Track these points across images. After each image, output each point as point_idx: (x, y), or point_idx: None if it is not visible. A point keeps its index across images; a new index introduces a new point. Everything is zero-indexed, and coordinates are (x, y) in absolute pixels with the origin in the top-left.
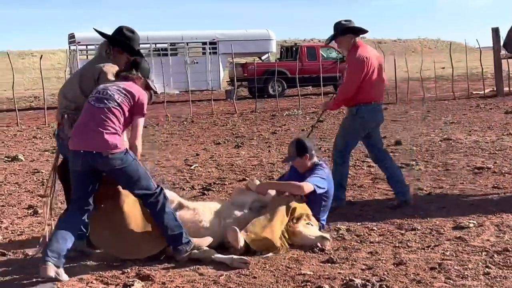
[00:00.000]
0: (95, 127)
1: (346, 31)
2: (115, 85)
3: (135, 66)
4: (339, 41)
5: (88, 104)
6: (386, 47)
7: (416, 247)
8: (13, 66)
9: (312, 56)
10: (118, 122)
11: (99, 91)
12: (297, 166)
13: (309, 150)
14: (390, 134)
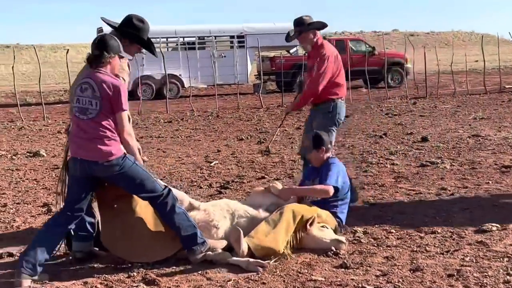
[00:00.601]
0: (87, 137)
1: (310, 26)
2: (89, 87)
3: (104, 47)
4: (303, 37)
5: (74, 116)
6: (418, 40)
7: (434, 252)
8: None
9: (341, 49)
10: (108, 129)
11: (78, 100)
12: (312, 159)
13: (325, 144)
14: (417, 130)
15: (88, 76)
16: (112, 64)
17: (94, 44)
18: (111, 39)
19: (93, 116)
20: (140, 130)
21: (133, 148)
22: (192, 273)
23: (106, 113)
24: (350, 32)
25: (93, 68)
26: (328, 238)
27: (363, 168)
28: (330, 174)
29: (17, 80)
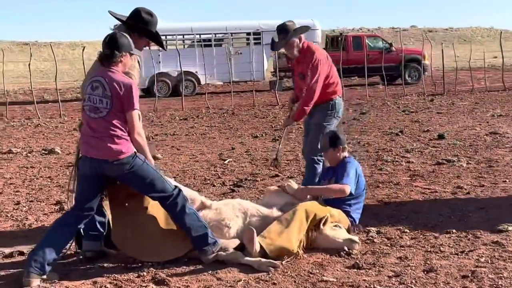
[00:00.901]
0: (97, 135)
1: (295, 32)
2: (100, 86)
3: (115, 46)
4: (290, 44)
5: (85, 114)
6: (437, 36)
7: (449, 252)
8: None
9: (358, 46)
10: (119, 128)
11: (89, 98)
12: (329, 158)
13: (342, 143)
14: (434, 128)
15: (99, 74)
16: (123, 63)
17: (105, 43)
18: (122, 36)
19: (103, 115)
20: (155, 128)
21: (144, 147)
22: (202, 273)
23: (116, 112)
24: (368, 29)
25: (105, 67)
26: (341, 238)
27: (378, 166)
28: (346, 173)
29: (35, 77)
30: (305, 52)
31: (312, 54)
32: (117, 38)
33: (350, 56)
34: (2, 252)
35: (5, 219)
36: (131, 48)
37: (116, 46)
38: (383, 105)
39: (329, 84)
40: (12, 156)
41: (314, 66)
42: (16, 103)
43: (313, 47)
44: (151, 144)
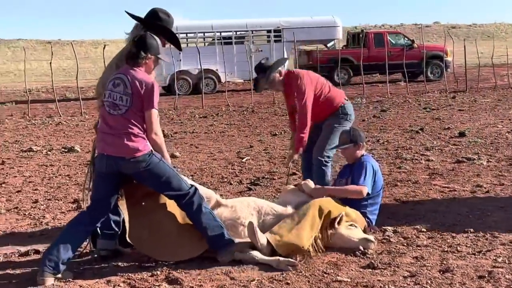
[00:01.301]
0: (114, 133)
1: (273, 68)
2: (121, 83)
3: (142, 47)
4: (271, 82)
5: (104, 110)
6: (460, 32)
7: (466, 252)
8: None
9: (379, 42)
10: (136, 126)
11: (110, 95)
12: (347, 155)
13: (362, 140)
14: (455, 125)
15: (122, 72)
16: (148, 64)
17: (133, 41)
18: (151, 38)
19: (122, 112)
20: (174, 125)
21: (161, 146)
22: (216, 272)
23: (135, 110)
24: (390, 25)
25: (129, 66)
26: (356, 237)
27: (397, 164)
28: (363, 174)
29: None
30: (289, 83)
31: (296, 80)
32: (146, 39)
33: (371, 53)
34: (18, 251)
35: (22, 217)
36: (158, 51)
37: (143, 46)
38: (404, 102)
39: (329, 99)
40: (32, 154)
41: (298, 92)
42: (38, 101)
43: (293, 74)
44: (170, 142)
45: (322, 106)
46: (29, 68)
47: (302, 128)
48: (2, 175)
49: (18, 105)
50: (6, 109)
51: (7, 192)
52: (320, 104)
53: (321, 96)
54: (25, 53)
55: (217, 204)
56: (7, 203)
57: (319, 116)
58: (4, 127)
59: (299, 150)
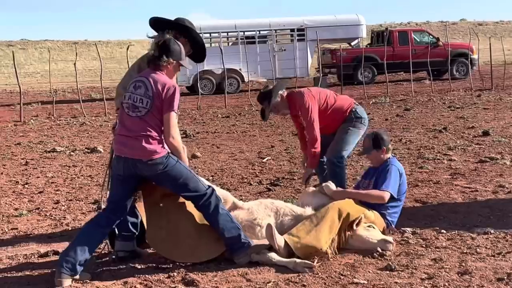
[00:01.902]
0: (132, 135)
1: (274, 93)
2: (142, 86)
3: (165, 51)
4: (275, 108)
5: (123, 111)
6: (487, 29)
7: (485, 254)
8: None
9: (404, 41)
10: (154, 129)
11: (130, 97)
12: (372, 159)
13: (386, 143)
14: (479, 124)
15: (143, 75)
16: (169, 69)
17: (157, 45)
18: (175, 44)
19: (141, 114)
20: (197, 125)
21: (178, 149)
22: (232, 274)
23: (155, 113)
24: (416, 23)
25: (151, 69)
26: (374, 238)
27: (419, 164)
28: (388, 178)
29: (84, 76)
30: (293, 103)
31: (298, 99)
32: (169, 43)
33: (396, 51)
34: (37, 252)
35: (44, 218)
36: (180, 57)
37: (166, 51)
38: (429, 101)
39: (337, 109)
40: (56, 155)
41: (303, 110)
42: (64, 101)
43: (295, 93)
44: (191, 142)
45: (333, 117)
46: (56, 69)
47: (313, 142)
48: (26, 175)
49: (44, 106)
50: (32, 110)
51: (30, 192)
52: (329, 115)
53: (327, 108)
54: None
55: (234, 206)
56: (29, 204)
57: (332, 127)
58: (29, 127)
59: (314, 165)
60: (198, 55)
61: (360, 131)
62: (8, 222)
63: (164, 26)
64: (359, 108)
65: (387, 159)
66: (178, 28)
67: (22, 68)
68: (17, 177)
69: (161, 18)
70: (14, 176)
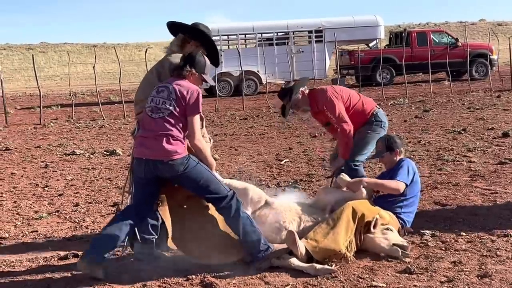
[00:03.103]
0: (154, 136)
1: (295, 90)
2: (165, 90)
3: (189, 61)
4: (296, 105)
5: (145, 115)
6: (507, 29)
7: (505, 257)
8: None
9: (422, 41)
10: (176, 129)
11: (152, 100)
12: (385, 162)
13: (399, 146)
14: (499, 125)
15: (167, 81)
16: (191, 80)
17: (183, 57)
18: (201, 56)
19: (164, 115)
20: (215, 128)
21: (204, 151)
22: (250, 276)
23: (178, 115)
24: (435, 23)
25: (174, 77)
26: (387, 244)
27: (438, 166)
28: (401, 170)
29: (103, 78)
30: (315, 100)
31: (321, 95)
32: (195, 56)
33: (414, 52)
34: (57, 254)
35: (63, 220)
36: (203, 70)
37: (191, 61)
38: (448, 102)
39: (359, 109)
40: (75, 158)
41: (328, 106)
42: (83, 104)
43: (317, 90)
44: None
45: (353, 117)
46: (75, 72)
47: (345, 134)
48: (45, 178)
49: (63, 109)
50: (52, 113)
51: (49, 195)
52: (350, 115)
53: (350, 107)
54: (69, 57)
55: (266, 205)
56: (49, 207)
57: (353, 127)
58: (49, 130)
59: (346, 156)
60: (211, 60)
61: (379, 135)
62: (28, 225)
63: (180, 29)
64: (380, 111)
65: (400, 160)
66: (192, 32)
67: (42, 71)
68: (37, 179)
69: (177, 22)
70: (34, 178)
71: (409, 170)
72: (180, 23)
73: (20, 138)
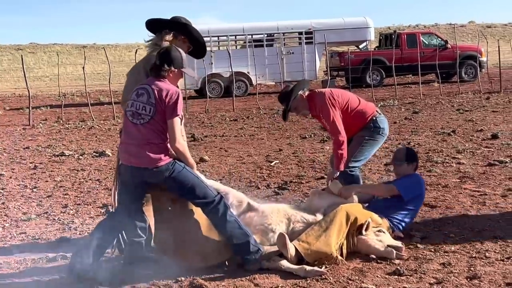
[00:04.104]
0: (137, 143)
1: (294, 93)
2: (145, 93)
3: (166, 59)
4: (295, 108)
5: (126, 119)
6: (496, 31)
7: (494, 258)
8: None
9: (412, 43)
10: (159, 135)
11: (133, 104)
12: (399, 172)
13: (417, 160)
14: (488, 127)
15: (146, 83)
16: (171, 77)
17: (158, 54)
18: (176, 51)
19: (144, 122)
20: (205, 129)
21: (185, 154)
22: (240, 278)
23: (158, 120)
24: (424, 25)
25: (153, 77)
26: (381, 245)
27: (427, 167)
28: (404, 180)
29: (93, 79)
30: (314, 104)
31: (319, 100)
32: (170, 52)
33: (404, 54)
34: (45, 256)
35: (52, 222)
36: (182, 65)
37: (167, 59)
38: (437, 103)
39: (359, 113)
40: (64, 159)
41: (323, 110)
42: (72, 105)
43: (316, 93)
44: (199, 145)
45: (352, 121)
46: (65, 72)
47: (339, 144)
48: (34, 179)
49: (53, 109)
50: (41, 113)
51: (38, 197)
52: (349, 118)
53: (349, 111)
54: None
55: (249, 208)
56: (38, 208)
57: (350, 131)
58: (38, 131)
59: (339, 167)
60: (198, 51)
61: (377, 142)
62: (17, 227)
63: (160, 26)
64: (380, 117)
65: (411, 174)
66: (174, 26)
67: (31, 72)
68: (26, 181)
69: (157, 19)
70: (23, 180)
71: (416, 186)
72: (160, 19)
73: (8, 139)
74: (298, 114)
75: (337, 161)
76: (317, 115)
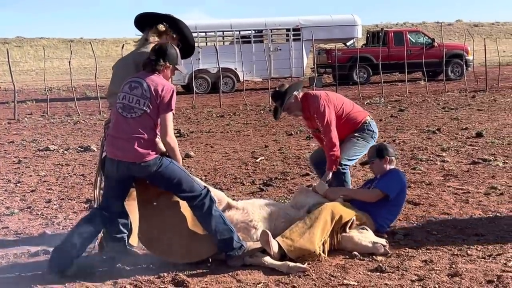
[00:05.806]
0: (125, 137)
1: (289, 93)
2: (139, 87)
3: (162, 54)
4: (288, 108)
5: (116, 112)
6: (483, 30)
7: (476, 256)
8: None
9: (399, 41)
10: (148, 128)
11: (125, 97)
12: (375, 169)
13: (390, 154)
14: (473, 125)
15: (139, 76)
16: (165, 73)
17: (153, 50)
18: (171, 48)
19: (136, 116)
20: (191, 125)
21: (175, 150)
22: (222, 274)
23: (151, 114)
24: (412, 23)
25: (147, 71)
26: (367, 241)
27: (411, 165)
28: (385, 179)
29: (80, 74)
30: (307, 105)
31: (313, 102)
32: (166, 48)
33: (391, 52)
34: (28, 251)
35: (35, 217)
36: (176, 62)
37: (163, 54)
38: (423, 101)
39: (351, 118)
40: (49, 153)
41: (318, 112)
42: (58, 99)
43: (310, 95)
44: (185, 141)
45: (345, 125)
46: (51, 67)
47: (331, 147)
48: (18, 174)
49: (38, 104)
50: (26, 108)
51: (22, 191)
52: (342, 123)
53: (342, 115)
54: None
55: (228, 206)
56: (21, 203)
57: (343, 135)
58: (23, 125)
59: (332, 168)
60: (186, 50)
61: (368, 144)
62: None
63: (152, 21)
64: (373, 122)
65: (390, 170)
66: (167, 22)
67: (17, 66)
68: (9, 175)
69: (149, 13)
70: (6, 174)
71: (396, 181)
72: (152, 13)
73: None
74: (290, 114)
75: (330, 162)
76: (310, 117)
